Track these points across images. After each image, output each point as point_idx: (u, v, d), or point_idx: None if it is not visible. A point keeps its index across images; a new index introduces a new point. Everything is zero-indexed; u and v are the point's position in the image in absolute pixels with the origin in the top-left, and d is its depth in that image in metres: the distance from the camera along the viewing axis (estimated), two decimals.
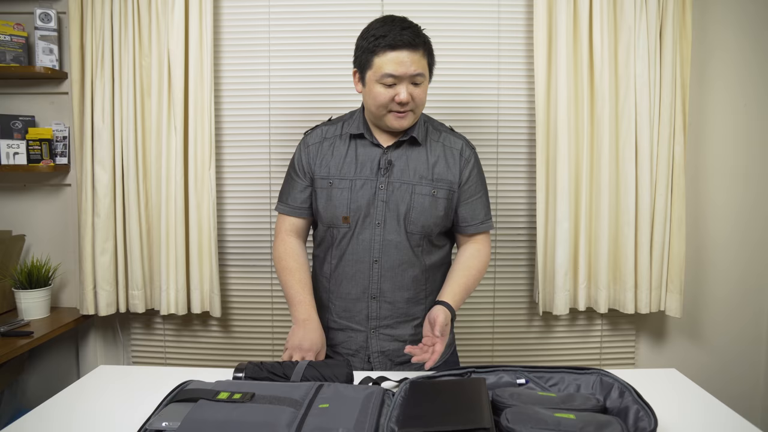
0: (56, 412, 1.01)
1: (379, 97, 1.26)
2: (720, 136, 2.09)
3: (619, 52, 1.91)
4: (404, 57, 1.24)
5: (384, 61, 1.24)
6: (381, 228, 1.33)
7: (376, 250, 1.34)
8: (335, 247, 1.36)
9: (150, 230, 2.00)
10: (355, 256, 1.34)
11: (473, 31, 2.01)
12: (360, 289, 1.35)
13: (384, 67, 1.24)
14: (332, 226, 1.35)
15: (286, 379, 1.04)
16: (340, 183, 1.34)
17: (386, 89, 1.26)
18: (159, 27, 1.91)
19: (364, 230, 1.33)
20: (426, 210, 1.34)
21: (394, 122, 1.30)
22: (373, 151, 1.35)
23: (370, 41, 1.26)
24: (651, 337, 2.15)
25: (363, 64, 1.29)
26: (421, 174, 1.34)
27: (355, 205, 1.32)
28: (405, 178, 1.34)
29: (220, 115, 2.05)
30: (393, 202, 1.33)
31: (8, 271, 1.99)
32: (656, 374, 1.23)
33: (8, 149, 1.98)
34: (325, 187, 1.35)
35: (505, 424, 0.81)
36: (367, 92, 1.30)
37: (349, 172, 1.34)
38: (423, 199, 1.33)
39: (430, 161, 1.36)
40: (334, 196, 1.34)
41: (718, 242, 2.12)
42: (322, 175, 1.36)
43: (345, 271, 1.36)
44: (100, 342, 2.16)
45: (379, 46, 1.24)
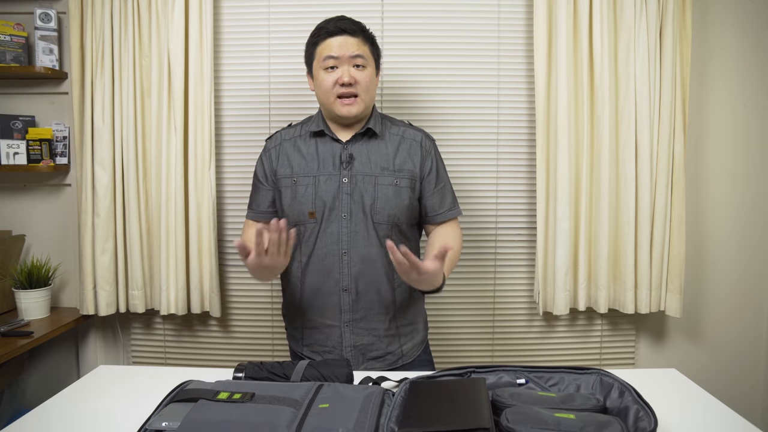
0: (56, 412, 1.01)
1: (324, 82, 1.34)
2: (720, 136, 2.09)
3: (619, 52, 1.91)
4: (342, 41, 1.33)
5: (324, 47, 1.34)
6: (347, 220, 1.36)
7: (345, 242, 1.36)
8: (303, 243, 1.38)
9: (150, 230, 2.00)
10: (324, 250, 1.36)
11: (473, 31, 2.01)
12: (332, 282, 1.37)
13: (324, 51, 1.33)
14: (299, 222, 1.37)
15: (286, 379, 1.04)
16: (303, 180, 1.37)
17: (329, 73, 1.33)
18: (159, 27, 1.91)
19: (330, 224, 1.36)
20: (390, 200, 1.36)
21: (342, 109, 1.34)
22: (334, 146, 1.39)
23: (312, 36, 1.37)
24: (651, 337, 2.15)
25: (309, 59, 1.39)
26: (382, 165, 1.38)
27: (320, 200, 1.35)
28: (366, 170, 1.37)
29: (220, 115, 2.05)
30: (357, 194, 1.35)
31: (8, 271, 1.99)
32: (656, 374, 1.23)
33: (8, 149, 1.98)
34: (289, 186, 1.38)
35: (505, 424, 0.81)
36: (316, 85, 1.37)
37: (312, 169, 1.37)
38: (387, 189, 1.37)
39: (390, 153, 1.39)
40: (299, 193, 1.36)
41: (718, 242, 2.12)
42: (285, 174, 1.39)
43: (315, 266, 1.37)
44: (100, 342, 2.16)
45: (319, 35, 1.35)
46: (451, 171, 2.03)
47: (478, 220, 2.06)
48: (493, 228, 2.08)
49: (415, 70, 2.03)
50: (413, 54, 2.02)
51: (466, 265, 2.09)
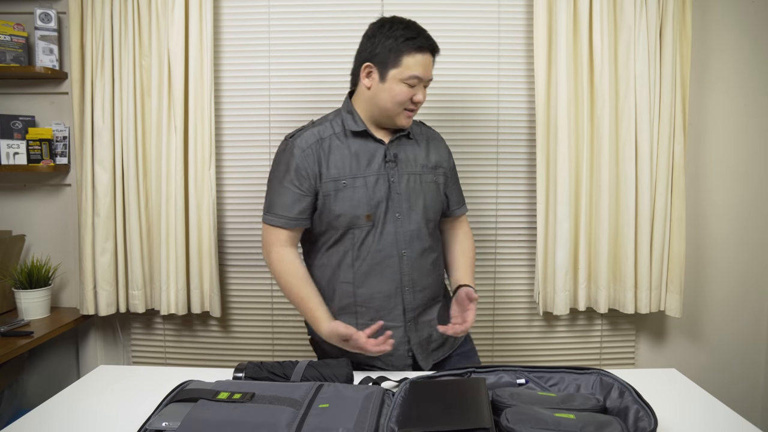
0: (56, 412, 1.01)
1: (400, 95, 1.31)
2: (720, 136, 2.09)
3: (619, 52, 1.91)
4: (428, 61, 1.33)
5: (413, 62, 1.30)
6: (402, 220, 1.35)
7: (402, 241, 1.35)
8: (358, 248, 1.34)
9: (150, 230, 2.00)
10: (383, 252, 1.34)
11: (473, 31, 2.01)
12: (393, 285, 1.35)
13: (412, 68, 1.30)
14: (353, 227, 1.33)
15: (286, 379, 1.04)
16: (354, 182, 1.32)
17: (408, 89, 1.31)
18: (159, 27, 1.91)
19: (387, 224, 1.34)
20: (434, 197, 1.41)
21: (404, 121, 1.35)
22: (375, 146, 1.36)
23: (399, 41, 1.30)
24: (651, 337, 2.15)
25: (387, 61, 1.31)
26: (421, 164, 1.40)
27: (375, 200, 1.33)
28: (410, 169, 1.38)
29: (220, 115, 2.05)
30: (406, 193, 1.36)
31: (8, 271, 1.99)
32: (656, 374, 1.23)
33: (8, 149, 1.98)
34: (339, 189, 1.32)
35: (505, 424, 0.81)
36: (385, 89, 1.32)
37: (359, 170, 1.33)
38: (430, 187, 1.41)
39: (424, 152, 1.43)
40: (353, 196, 1.32)
41: (718, 242, 2.12)
42: (332, 176, 1.32)
43: (373, 269, 1.34)
44: (100, 342, 2.16)
45: (410, 46, 1.30)
46: None
47: (478, 220, 2.06)
48: (493, 228, 2.08)
49: None
50: None
51: None
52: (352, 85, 1.44)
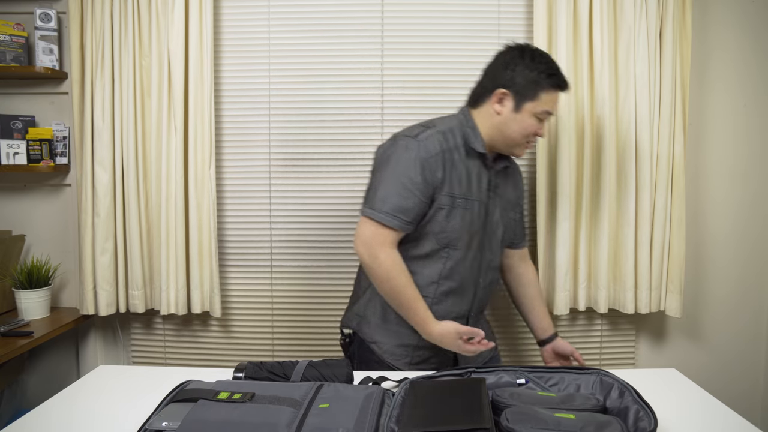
0: (56, 412, 1.01)
1: (530, 128, 1.34)
2: (720, 136, 2.09)
3: (619, 52, 1.91)
4: (558, 99, 1.36)
5: (549, 99, 1.34)
6: (486, 249, 1.41)
7: (483, 270, 1.41)
8: (446, 267, 1.35)
9: (150, 230, 2.00)
10: (465, 277, 1.38)
11: (473, 31, 2.01)
12: (464, 309, 1.41)
13: (547, 105, 1.34)
14: (449, 246, 1.34)
15: (286, 379, 1.04)
16: (465, 203, 1.33)
17: (537, 123, 1.35)
18: (159, 27, 1.91)
19: (475, 251, 1.38)
20: (510, 230, 1.48)
21: (521, 152, 1.40)
22: (484, 172, 1.38)
23: (541, 75, 1.31)
24: (651, 337, 2.15)
25: (525, 93, 1.32)
26: (509, 198, 1.46)
27: (475, 226, 1.36)
28: (502, 202, 1.43)
29: (220, 115, 2.05)
30: (494, 224, 1.41)
31: (8, 271, 1.99)
32: (656, 374, 1.23)
33: (8, 149, 1.98)
34: (454, 206, 1.32)
35: (505, 424, 0.81)
36: (517, 120, 1.33)
37: (469, 192, 1.34)
38: (509, 221, 1.47)
39: (512, 186, 1.48)
40: (464, 217, 1.33)
41: (718, 242, 2.12)
42: (449, 192, 1.31)
43: (454, 291, 1.38)
44: (100, 342, 2.16)
45: (550, 83, 1.32)
46: None
47: None
48: None
49: (415, 70, 2.02)
50: (413, 54, 2.02)
51: None
52: (473, 100, 1.42)
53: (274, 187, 2.07)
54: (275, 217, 2.07)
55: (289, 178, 2.06)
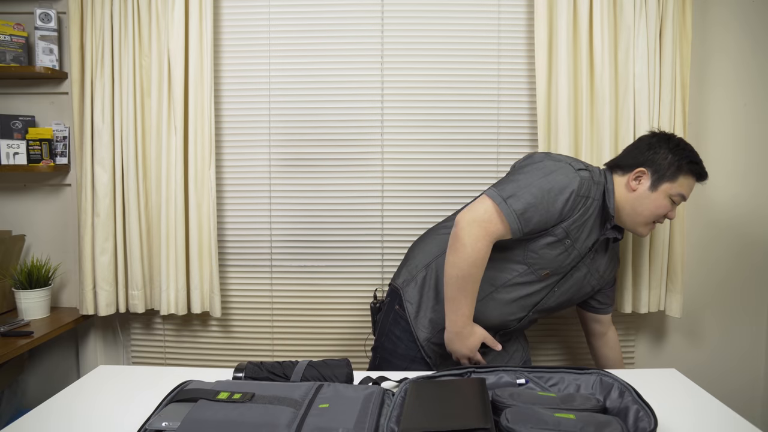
0: (56, 412, 1.01)
1: (662, 209, 1.38)
2: (720, 136, 2.09)
3: (619, 52, 1.91)
4: (693, 188, 1.41)
5: (687, 184, 1.38)
6: (553, 293, 1.43)
7: (538, 306, 1.44)
8: (513, 285, 1.40)
9: (150, 230, 2.00)
10: (521, 303, 1.42)
11: (473, 31, 2.01)
12: (495, 327, 1.45)
13: (684, 189, 1.38)
14: (528, 265, 1.38)
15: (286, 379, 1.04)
16: (570, 246, 1.37)
17: (670, 205, 1.38)
18: (159, 27, 1.91)
19: (543, 288, 1.41)
20: (581, 297, 1.52)
21: (646, 231, 1.43)
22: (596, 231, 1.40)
23: (684, 161, 1.37)
24: (650, 337, 2.15)
25: (665, 175, 1.37)
26: (599, 270, 1.48)
27: (562, 269, 1.39)
28: (592, 267, 1.45)
29: (220, 115, 2.05)
30: (574, 279, 1.44)
31: (8, 271, 1.99)
32: (656, 374, 1.23)
33: (8, 149, 1.98)
34: (557, 239, 1.34)
35: (505, 424, 0.81)
36: (651, 199, 1.38)
37: (578, 240, 1.37)
38: (588, 290, 1.50)
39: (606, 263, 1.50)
40: (557, 254, 1.36)
41: (718, 242, 2.12)
42: (568, 229, 1.34)
43: (504, 308, 1.42)
44: (100, 342, 2.16)
45: (691, 170, 1.38)
46: (451, 171, 2.04)
47: None
48: None
49: (415, 70, 2.03)
50: (413, 54, 2.02)
51: None
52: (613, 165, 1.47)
53: (274, 187, 2.07)
54: (275, 217, 2.07)
55: (289, 178, 2.06)
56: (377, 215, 2.06)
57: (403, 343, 1.45)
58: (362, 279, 2.07)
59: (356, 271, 2.07)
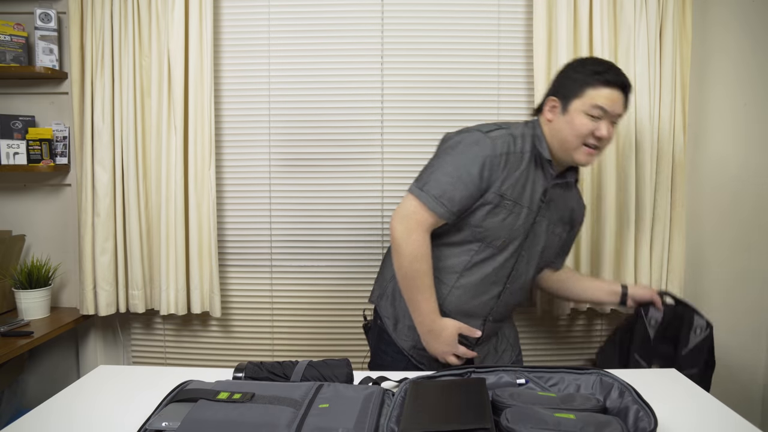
0: (56, 412, 1.01)
1: (582, 127, 1.29)
2: (720, 135, 2.09)
3: (619, 52, 1.91)
4: (617, 96, 1.29)
5: (599, 95, 1.28)
6: (521, 258, 1.39)
7: (513, 277, 1.40)
8: (473, 261, 1.36)
9: (150, 230, 2.00)
10: (491, 279, 1.37)
11: (473, 31, 2.01)
12: (482, 310, 1.40)
13: (596, 99, 1.28)
14: (482, 241, 1.34)
15: (286, 379, 1.04)
16: (512, 206, 1.33)
17: (590, 121, 1.29)
18: (159, 27, 1.91)
19: (510, 257, 1.37)
20: (554, 248, 1.47)
21: (582, 157, 1.32)
22: (541, 181, 1.36)
23: (586, 73, 1.30)
24: None
25: (570, 93, 1.32)
26: (561, 216, 1.43)
27: (517, 232, 1.35)
28: (553, 217, 1.41)
29: (220, 115, 2.05)
30: (537, 236, 1.39)
31: (8, 271, 1.99)
32: (656, 374, 1.23)
33: (8, 149, 1.98)
34: (495, 204, 1.31)
35: (505, 424, 0.81)
36: (567, 121, 1.32)
37: (521, 198, 1.33)
38: (555, 239, 1.44)
39: (569, 206, 1.45)
40: (505, 218, 1.32)
41: (718, 242, 2.12)
42: (502, 192, 1.31)
43: (476, 289, 1.37)
44: (100, 342, 2.16)
45: (597, 79, 1.29)
46: None
47: None
48: None
49: (415, 70, 2.02)
50: (413, 54, 2.02)
51: None
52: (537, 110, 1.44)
53: (274, 187, 2.07)
54: (275, 217, 2.07)
55: (289, 178, 2.06)
56: (377, 215, 2.06)
57: (390, 356, 1.43)
58: (362, 279, 2.07)
59: (356, 271, 2.07)
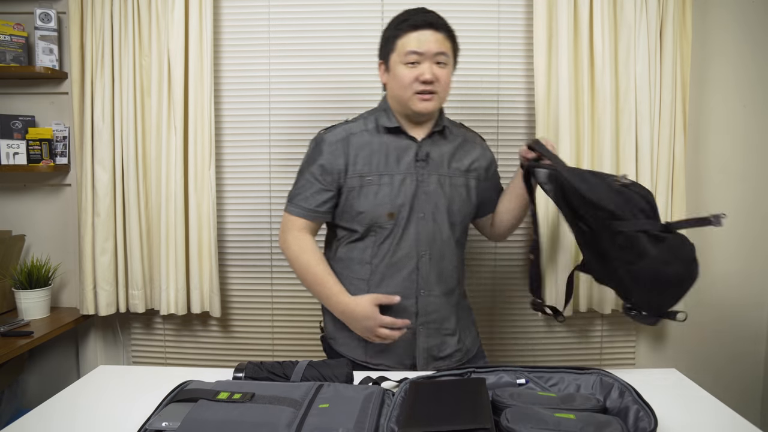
0: (56, 412, 1.01)
1: (404, 78, 1.27)
2: (720, 136, 2.09)
3: (620, 51, 1.91)
4: (427, 36, 1.26)
5: (407, 41, 1.26)
6: (426, 221, 1.33)
7: (423, 243, 1.33)
8: (378, 245, 1.32)
9: (150, 230, 2.00)
10: (402, 252, 1.32)
11: (473, 30, 2.01)
12: (409, 286, 1.33)
13: (407, 46, 1.26)
14: (375, 224, 1.31)
15: (286, 379, 1.04)
16: (380, 179, 1.30)
17: (410, 69, 1.27)
18: (159, 27, 1.91)
19: (409, 225, 1.32)
20: (464, 201, 1.39)
21: (419, 105, 1.29)
22: (407, 144, 1.34)
23: (394, 26, 1.30)
24: (651, 337, 2.15)
25: (387, 50, 1.31)
26: (454, 165, 1.37)
27: (401, 199, 1.31)
28: (442, 170, 1.35)
29: (220, 115, 2.05)
30: (435, 194, 1.33)
31: (8, 271, 1.99)
32: (656, 374, 1.23)
33: (8, 149, 1.98)
34: (363, 185, 1.31)
35: (505, 424, 0.81)
36: (392, 77, 1.31)
37: (388, 167, 1.31)
38: (461, 190, 1.38)
39: (459, 153, 1.39)
40: (377, 193, 1.30)
41: (718, 242, 2.12)
42: (361, 171, 1.31)
43: (390, 269, 1.32)
44: (100, 342, 2.16)
45: (401, 28, 1.27)
46: None
47: None
48: None
49: None
50: None
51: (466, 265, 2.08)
52: None
53: (274, 187, 2.07)
54: (275, 217, 2.07)
55: (289, 178, 2.04)
56: None
57: None
58: None
59: None
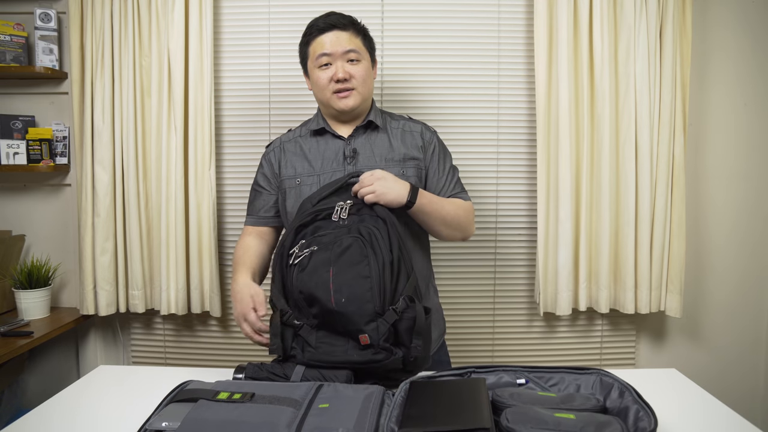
0: (56, 412, 1.01)
1: (320, 80, 1.33)
2: (720, 136, 2.09)
3: (619, 52, 1.91)
4: (333, 36, 1.32)
5: (316, 45, 1.33)
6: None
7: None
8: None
9: (150, 230, 2.00)
10: None
11: (473, 31, 2.01)
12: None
13: (317, 50, 1.32)
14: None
15: (286, 379, 1.03)
16: (308, 179, 1.34)
17: (324, 71, 1.32)
18: (159, 27, 1.91)
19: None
20: None
21: (338, 103, 1.33)
22: (336, 143, 1.37)
23: (303, 36, 1.37)
24: (651, 338, 2.15)
25: (303, 60, 1.38)
26: (386, 157, 1.36)
27: None
28: (372, 163, 1.34)
29: (220, 115, 2.05)
30: None
31: (8, 271, 1.99)
32: (656, 374, 1.23)
33: (8, 149, 1.98)
34: (293, 186, 1.35)
35: (505, 424, 0.81)
36: (313, 83, 1.37)
37: (315, 168, 1.35)
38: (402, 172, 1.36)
39: (394, 144, 1.38)
40: (304, 193, 1.33)
41: (718, 242, 2.12)
42: (289, 175, 1.36)
43: None
44: (100, 342, 2.16)
45: (310, 35, 1.34)
46: None
47: (477, 219, 2.06)
48: (493, 228, 2.08)
49: (415, 70, 2.02)
50: (413, 54, 2.02)
51: (465, 265, 2.08)
52: None
53: None
54: None
55: None
56: None
57: None
58: None
59: None
